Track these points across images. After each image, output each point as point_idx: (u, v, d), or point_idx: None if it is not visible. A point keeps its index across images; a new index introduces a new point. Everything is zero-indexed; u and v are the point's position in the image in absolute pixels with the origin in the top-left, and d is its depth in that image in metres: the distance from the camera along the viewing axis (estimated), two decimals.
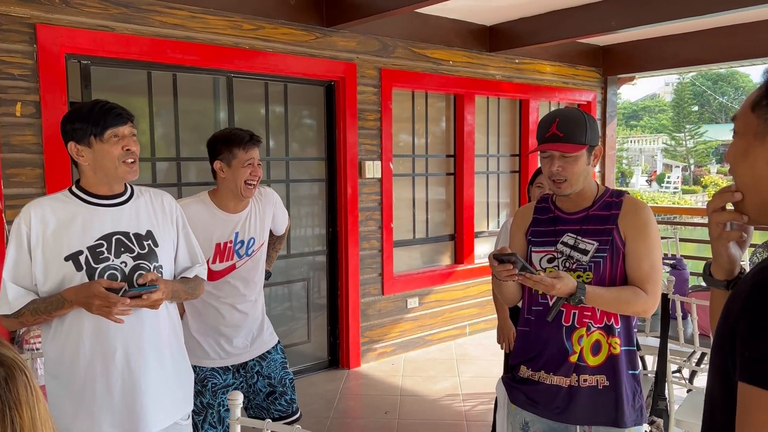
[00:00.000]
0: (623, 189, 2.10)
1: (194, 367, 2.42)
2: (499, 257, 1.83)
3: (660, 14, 4.58)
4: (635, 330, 2.09)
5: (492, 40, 5.61)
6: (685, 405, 2.85)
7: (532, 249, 2.07)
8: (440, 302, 5.60)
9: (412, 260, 5.58)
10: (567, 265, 1.99)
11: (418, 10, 4.95)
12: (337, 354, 4.96)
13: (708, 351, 2.73)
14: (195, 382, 2.36)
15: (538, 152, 1.98)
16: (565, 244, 2.01)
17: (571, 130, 1.90)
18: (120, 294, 1.74)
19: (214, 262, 2.44)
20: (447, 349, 5.44)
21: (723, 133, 38.09)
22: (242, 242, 2.49)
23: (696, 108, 40.23)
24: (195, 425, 2.43)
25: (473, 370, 4.84)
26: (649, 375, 3.03)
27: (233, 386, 2.52)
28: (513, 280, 1.88)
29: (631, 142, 40.20)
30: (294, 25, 4.40)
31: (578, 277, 1.96)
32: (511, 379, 2.14)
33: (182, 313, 2.50)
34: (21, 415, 0.90)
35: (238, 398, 1.65)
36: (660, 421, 2.59)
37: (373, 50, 4.89)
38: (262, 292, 2.63)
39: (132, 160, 1.87)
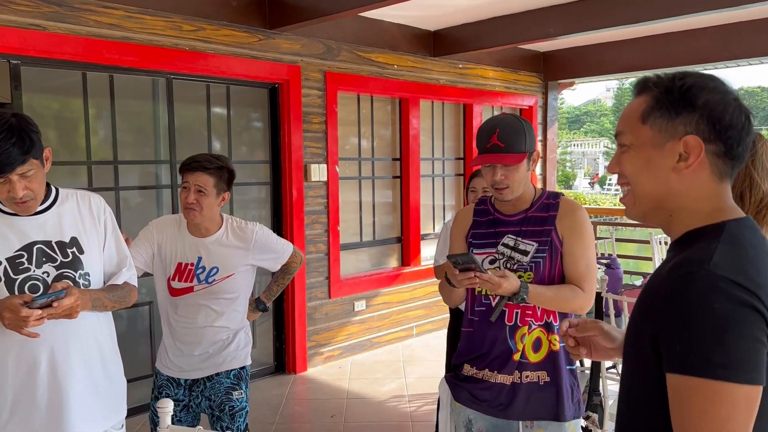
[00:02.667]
0: (559, 191, 2.15)
1: (156, 371, 2.60)
2: (451, 257, 1.85)
3: (596, 22, 4.73)
4: None
5: (436, 44, 5.68)
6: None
7: (474, 251, 2.10)
8: (388, 304, 5.62)
9: (360, 263, 5.59)
10: (508, 266, 2.03)
11: (363, 14, 4.96)
12: (284, 359, 4.91)
13: None
14: (153, 388, 2.59)
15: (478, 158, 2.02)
16: (505, 245, 2.05)
17: (511, 140, 1.94)
18: (30, 305, 1.62)
19: (173, 279, 2.49)
20: (394, 350, 5.46)
21: None
22: (203, 268, 2.47)
23: None
24: (154, 427, 2.51)
25: (419, 371, 4.87)
26: (585, 371, 3.12)
27: (183, 402, 2.53)
28: (475, 285, 1.88)
29: (574, 145, 41.35)
30: (236, 27, 4.35)
31: (519, 277, 2.00)
32: (454, 377, 2.17)
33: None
34: None
35: (168, 406, 1.62)
36: (595, 416, 2.67)
37: (318, 53, 4.88)
38: (235, 318, 2.56)
39: (22, 200, 1.74)
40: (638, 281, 3.33)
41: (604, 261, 3.53)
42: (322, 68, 4.91)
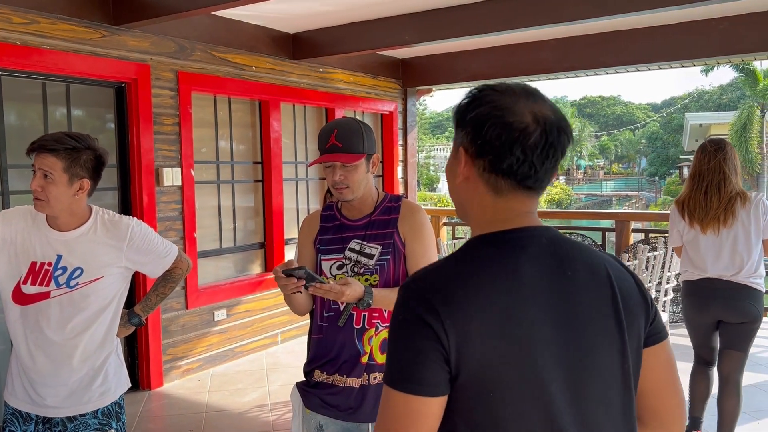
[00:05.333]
0: (400, 194, 2.22)
1: (4, 401, 2.18)
2: (287, 272, 1.85)
3: (448, 32, 4.93)
4: None
5: (295, 47, 5.64)
6: None
7: (322, 257, 2.11)
8: (250, 312, 5.48)
9: (221, 270, 5.40)
10: (356, 270, 2.05)
11: (218, 13, 4.82)
12: (137, 375, 4.62)
13: None
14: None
15: (323, 162, 2.04)
16: (352, 250, 2.07)
17: (349, 140, 1.98)
18: None
19: (25, 282, 2.06)
20: (258, 359, 5.34)
21: None
22: (64, 269, 2.06)
23: None
24: None
25: (283, 378, 4.80)
26: None
27: None
28: (300, 292, 1.90)
29: (438, 150, 42.92)
30: (75, 21, 4.04)
31: (366, 280, 2.03)
32: (305, 384, 2.16)
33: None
34: None
35: None
36: None
37: (169, 52, 4.65)
38: (103, 334, 2.15)
39: None
40: None
41: None
42: (174, 68, 4.69)
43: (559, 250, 1.05)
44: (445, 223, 7.64)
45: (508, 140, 1.02)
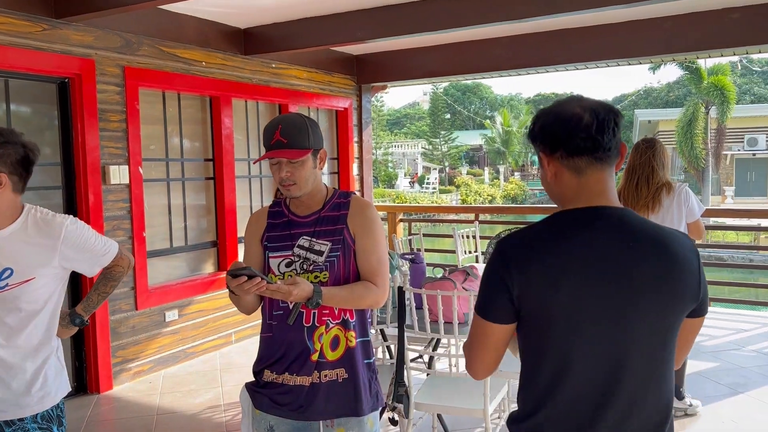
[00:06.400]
0: (350, 191, 2.20)
1: None
2: (233, 272, 1.79)
3: (400, 28, 4.94)
4: (370, 321, 2.20)
5: (247, 43, 5.56)
6: (423, 388, 3.09)
7: (270, 255, 2.07)
8: (203, 312, 5.39)
9: (172, 270, 5.29)
10: (305, 267, 2.03)
11: (165, 7, 4.70)
12: (84, 379, 4.49)
13: (440, 337, 2.99)
14: None
15: (269, 159, 2.00)
16: (301, 247, 2.04)
17: (294, 136, 1.95)
18: None
19: None
20: (211, 359, 5.25)
21: (471, 139, 42.75)
22: None
23: (448, 116, 44.50)
24: None
25: (237, 379, 4.73)
26: (393, 363, 3.23)
27: None
28: (261, 291, 1.83)
29: (395, 147, 43.04)
30: (13, 14, 3.89)
31: (316, 277, 2.01)
32: (255, 384, 2.12)
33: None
34: None
35: None
36: (401, 406, 2.77)
37: (115, 47, 4.52)
38: (39, 337, 2.07)
39: None
40: (439, 274, 3.52)
41: (409, 256, 3.69)
42: (120, 63, 4.56)
43: (626, 226, 1.34)
44: (401, 220, 7.67)
45: (569, 127, 1.33)
